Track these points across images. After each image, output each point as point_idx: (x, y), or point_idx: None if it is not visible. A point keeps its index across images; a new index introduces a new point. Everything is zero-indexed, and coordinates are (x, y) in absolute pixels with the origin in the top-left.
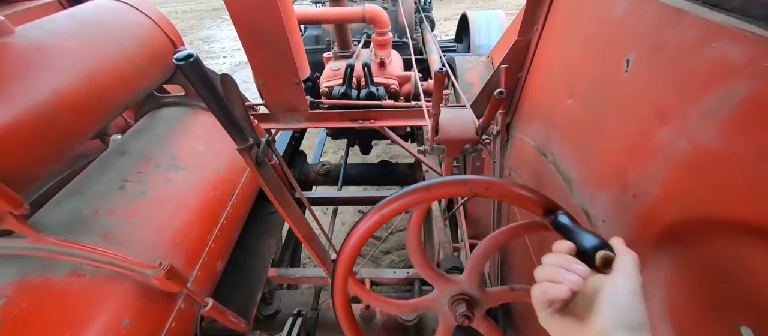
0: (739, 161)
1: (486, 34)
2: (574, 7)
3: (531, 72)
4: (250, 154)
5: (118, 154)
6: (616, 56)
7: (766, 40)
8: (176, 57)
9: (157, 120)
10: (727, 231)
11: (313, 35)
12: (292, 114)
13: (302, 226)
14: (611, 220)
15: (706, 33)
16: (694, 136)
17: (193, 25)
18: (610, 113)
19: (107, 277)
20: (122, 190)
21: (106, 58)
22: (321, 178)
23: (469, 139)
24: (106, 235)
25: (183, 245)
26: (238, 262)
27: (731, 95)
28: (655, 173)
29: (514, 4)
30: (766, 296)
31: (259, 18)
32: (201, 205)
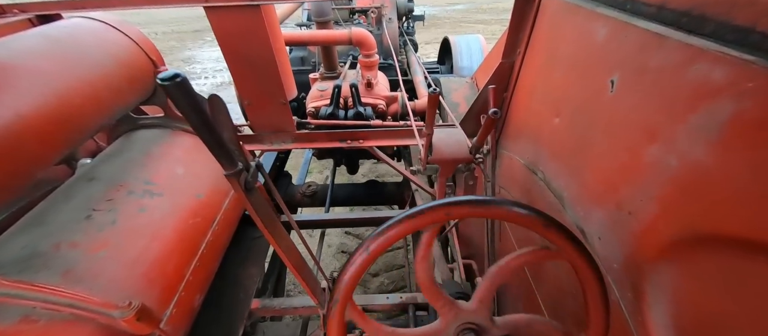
0: (731, 178)
1: (467, 57)
2: (555, 31)
3: (516, 92)
4: (239, 180)
5: (86, 181)
6: (600, 78)
7: (745, 62)
8: (161, 77)
9: (132, 142)
10: (728, 247)
11: (299, 56)
12: (278, 135)
13: (292, 254)
14: (608, 236)
15: (688, 55)
16: (684, 154)
17: (174, 47)
18: (598, 132)
19: (65, 321)
20: (89, 221)
21: (78, 78)
22: (307, 200)
23: (463, 159)
24: (66, 273)
25: (157, 280)
26: (218, 293)
27: (718, 114)
28: (648, 190)
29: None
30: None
31: (246, 40)
32: (179, 234)
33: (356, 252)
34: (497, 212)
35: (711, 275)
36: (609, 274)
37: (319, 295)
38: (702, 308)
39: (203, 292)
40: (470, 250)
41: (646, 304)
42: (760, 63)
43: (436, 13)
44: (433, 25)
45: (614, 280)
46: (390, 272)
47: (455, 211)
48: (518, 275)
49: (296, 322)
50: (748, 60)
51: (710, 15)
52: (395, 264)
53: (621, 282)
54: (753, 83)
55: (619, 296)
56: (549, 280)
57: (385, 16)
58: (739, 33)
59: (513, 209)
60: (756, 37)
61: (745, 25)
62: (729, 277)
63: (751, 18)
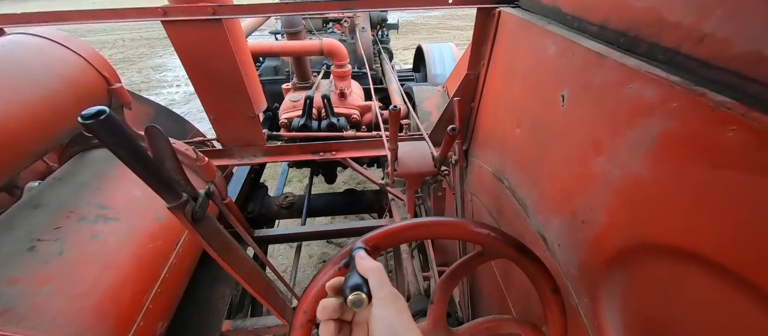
0: (663, 189)
1: (440, 64)
2: (513, 46)
3: (482, 102)
4: (185, 212)
5: (30, 208)
6: (552, 91)
7: (670, 83)
8: (82, 115)
9: (85, 164)
10: (667, 256)
11: (272, 66)
12: (248, 149)
13: (255, 280)
14: (566, 244)
15: (623, 75)
16: (625, 167)
17: (144, 54)
18: (553, 142)
19: None
20: (32, 252)
21: (16, 100)
22: (284, 212)
23: (428, 172)
24: (5, 313)
25: (111, 312)
26: (185, 318)
27: (650, 130)
28: (598, 200)
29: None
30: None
31: (209, 54)
32: (136, 260)
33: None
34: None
35: (652, 282)
36: (567, 281)
37: (287, 314)
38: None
39: (167, 319)
40: (446, 257)
41: (600, 310)
42: (682, 84)
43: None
44: (409, 32)
45: (572, 287)
46: None
47: (381, 242)
48: (491, 281)
49: None
50: (673, 81)
51: (643, 36)
52: None
53: (578, 288)
54: (677, 103)
55: (577, 302)
56: (516, 283)
57: (359, 25)
58: (667, 54)
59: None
60: (681, 58)
61: (672, 46)
62: (667, 284)
63: (676, 40)
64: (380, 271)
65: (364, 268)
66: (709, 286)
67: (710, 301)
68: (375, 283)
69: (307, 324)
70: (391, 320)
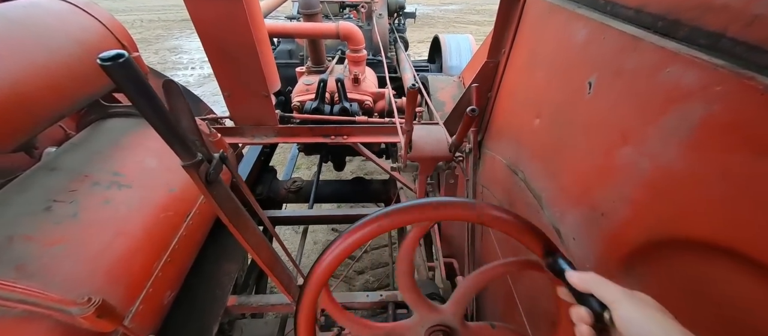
0: (699, 181)
1: (457, 56)
2: (538, 32)
3: (500, 92)
4: (198, 172)
5: (47, 170)
6: (578, 79)
7: (714, 66)
8: (101, 57)
9: (101, 132)
10: (695, 251)
11: (287, 49)
12: (259, 128)
13: (263, 251)
14: (581, 238)
15: (661, 59)
16: (656, 157)
17: (160, 35)
18: (576, 133)
19: (18, 318)
20: (48, 213)
21: (35, 62)
22: (292, 196)
23: (442, 157)
24: (19, 267)
25: (122, 276)
26: (192, 290)
27: (688, 117)
28: (621, 192)
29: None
30: (732, 312)
31: (226, 28)
32: (147, 228)
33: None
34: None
35: (678, 278)
36: None
37: (293, 292)
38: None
39: (174, 289)
40: (452, 249)
41: None
42: (728, 67)
43: (429, 12)
44: (425, 25)
45: None
46: (376, 270)
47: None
48: (501, 284)
49: (276, 320)
50: (717, 64)
51: (684, 19)
52: (381, 261)
53: None
54: (721, 87)
55: None
56: (526, 280)
57: (376, 11)
58: (710, 38)
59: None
60: (726, 42)
61: (716, 30)
62: (692, 281)
63: (722, 23)
64: (599, 280)
65: (585, 284)
66: (746, 285)
67: (748, 300)
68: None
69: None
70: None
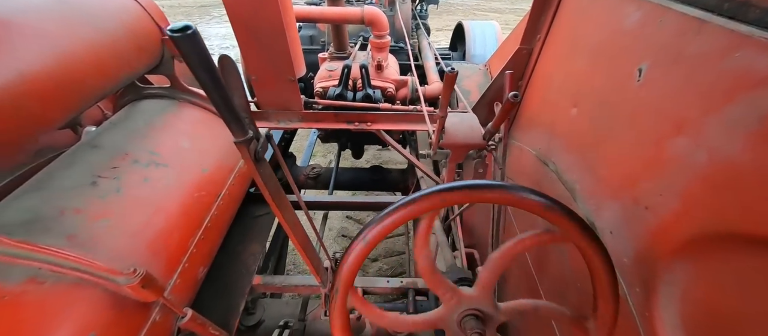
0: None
1: (481, 44)
2: (580, 17)
3: (532, 81)
4: (249, 149)
5: (90, 148)
6: (626, 66)
7: None
8: (171, 28)
9: (138, 112)
10: (754, 247)
11: (308, 35)
12: (284, 113)
13: (298, 231)
14: (621, 231)
15: (730, 42)
16: (716, 148)
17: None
18: (620, 123)
19: (71, 284)
20: (93, 187)
21: (82, 41)
22: (310, 182)
23: (476, 145)
24: (71, 237)
25: (161, 251)
26: (220, 268)
27: (758, 104)
28: (671, 185)
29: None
30: None
31: (256, 10)
32: (183, 207)
33: (354, 242)
34: (495, 197)
35: (729, 277)
36: (618, 269)
37: (321, 273)
38: (715, 309)
39: (207, 266)
40: (473, 239)
41: (656, 301)
42: None
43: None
44: (445, 12)
45: (623, 276)
46: (389, 258)
47: (450, 197)
48: (520, 265)
49: (295, 301)
50: None
51: (755, 1)
52: (395, 250)
53: (630, 277)
54: None
55: (627, 291)
56: (551, 271)
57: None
58: None
59: (517, 193)
60: None
61: None
62: (749, 280)
63: None
64: None
65: None
66: None
67: None
68: None
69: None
70: None
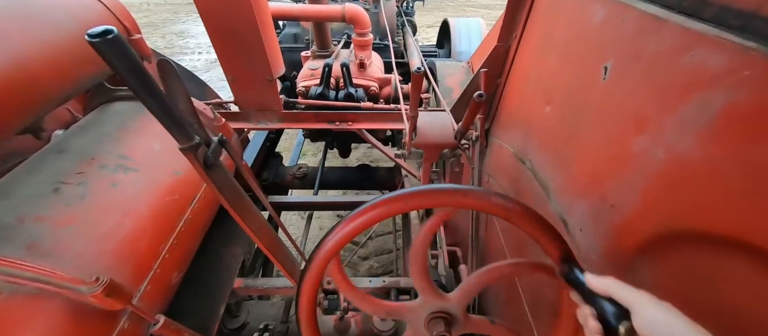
0: (718, 173)
1: (466, 41)
2: (552, 15)
3: (510, 78)
4: (196, 155)
5: (55, 153)
6: (593, 64)
7: (745, 48)
8: (89, 32)
9: (107, 115)
10: (706, 245)
11: (292, 33)
12: (264, 113)
13: (265, 235)
14: (589, 229)
15: (686, 41)
16: (671, 146)
17: (167, 19)
18: (588, 121)
19: (30, 295)
20: (56, 194)
21: (39, 42)
22: (297, 182)
23: (448, 144)
24: (30, 246)
25: (129, 257)
26: (199, 272)
27: (709, 104)
28: (632, 183)
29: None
30: (743, 309)
31: (229, 11)
32: (154, 211)
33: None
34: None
35: (688, 271)
36: (586, 265)
37: (296, 275)
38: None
39: (182, 271)
40: (456, 237)
41: None
42: (759, 50)
43: None
44: (435, 8)
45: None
46: (380, 257)
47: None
48: (507, 281)
49: (282, 302)
50: (748, 46)
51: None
52: (386, 248)
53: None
54: (750, 71)
55: None
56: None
57: None
58: (741, 18)
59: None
60: (758, 22)
61: (748, 9)
62: (705, 275)
63: (755, 2)
64: (619, 284)
65: (605, 288)
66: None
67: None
68: (621, 294)
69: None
70: (661, 318)
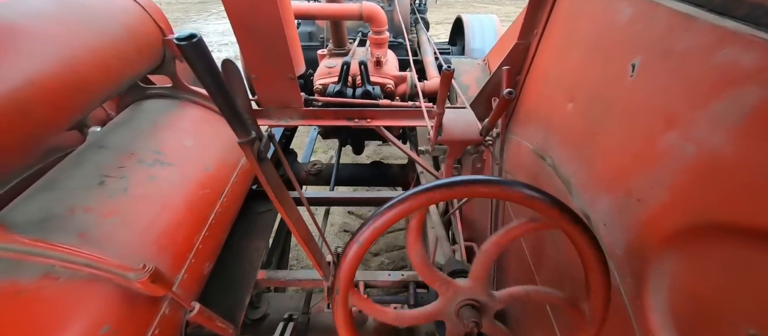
0: (751, 168)
1: (480, 38)
2: (576, 12)
3: (530, 75)
4: (253, 149)
5: (96, 148)
6: (620, 61)
7: None
8: (177, 36)
9: (141, 112)
10: (738, 237)
11: (307, 31)
12: (285, 110)
13: (301, 227)
14: (613, 223)
15: (717, 39)
16: (703, 142)
17: (179, 18)
18: (613, 117)
19: (84, 280)
20: (101, 187)
21: (86, 44)
22: (312, 178)
23: (473, 140)
24: (82, 235)
25: (168, 247)
26: (225, 264)
27: (742, 101)
28: (661, 178)
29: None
30: None
31: (255, 9)
32: (188, 204)
33: (349, 244)
34: (489, 191)
35: (714, 265)
36: (611, 260)
37: (324, 268)
38: (701, 297)
39: (212, 261)
40: (473, 232)
41: (646, 291)
42: None
43: None
44: (445, 5)
45: (616, 266)
46: (391, 252)
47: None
48: (518, 257)
49: (299, 295)
50: None
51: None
52: (396, 245)
53: (622, 268)
54: None
55: (619, 281)
56: (548, 262)
57: None
58: None
59: (506, 188)
60: None
61: None
62: (733, 268)
63: None
64: None
65: None
66: None
67: None
68: None
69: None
70: None
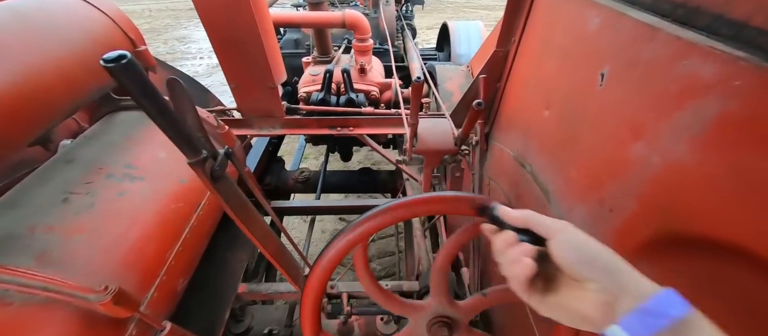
0: (711, 179)
1: (466, 44)
2: (550, 20)
3: (509, 82)
4: (204, 169)
5: (64, 163)
6: (590, 70)
7: (735, 58)
8: (104, 58)
9: (113, 125)
10: (701, 249)
11: (293, 39)
12: (266, 120)
13: (270, 243)
14: (589, 232)
15: (679, 50)
16: (667, 152)
17: (169, 24)
18: (586, 126)
19: (40, 304)
20: (65, 204)
21: (48, 56)
22: (300, 186)
23: (448, 150)
24: (40, 256)
25: (137, 264)
26: (204, 278)
27: (703, 112)
28: (630, 187)
29: (493, 17)
30: (738, 313)
31: (231, 18)
32: (160, 219)
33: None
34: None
35: (683, 276)
36: None
37: (300, 281)
38: None
39: (187, 277)
40: None
41: None
42: (749, 60)
43: None
44: (434, 10)
45: None
46: (383, 259)
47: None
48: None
49: (286, 306)
50: (738, 56)
51: (706, 7)
52: (388, 251)
53: None
54: (740, 81)
55: None
56: None
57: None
58: (733, 27)
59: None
60: (750, 32)
61: (740, 19)
62: (700, 279)
63: (747, 12)
64: (537, 214)
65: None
66: (754, 283)
67: (754, 299)
68: (540, 223)
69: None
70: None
